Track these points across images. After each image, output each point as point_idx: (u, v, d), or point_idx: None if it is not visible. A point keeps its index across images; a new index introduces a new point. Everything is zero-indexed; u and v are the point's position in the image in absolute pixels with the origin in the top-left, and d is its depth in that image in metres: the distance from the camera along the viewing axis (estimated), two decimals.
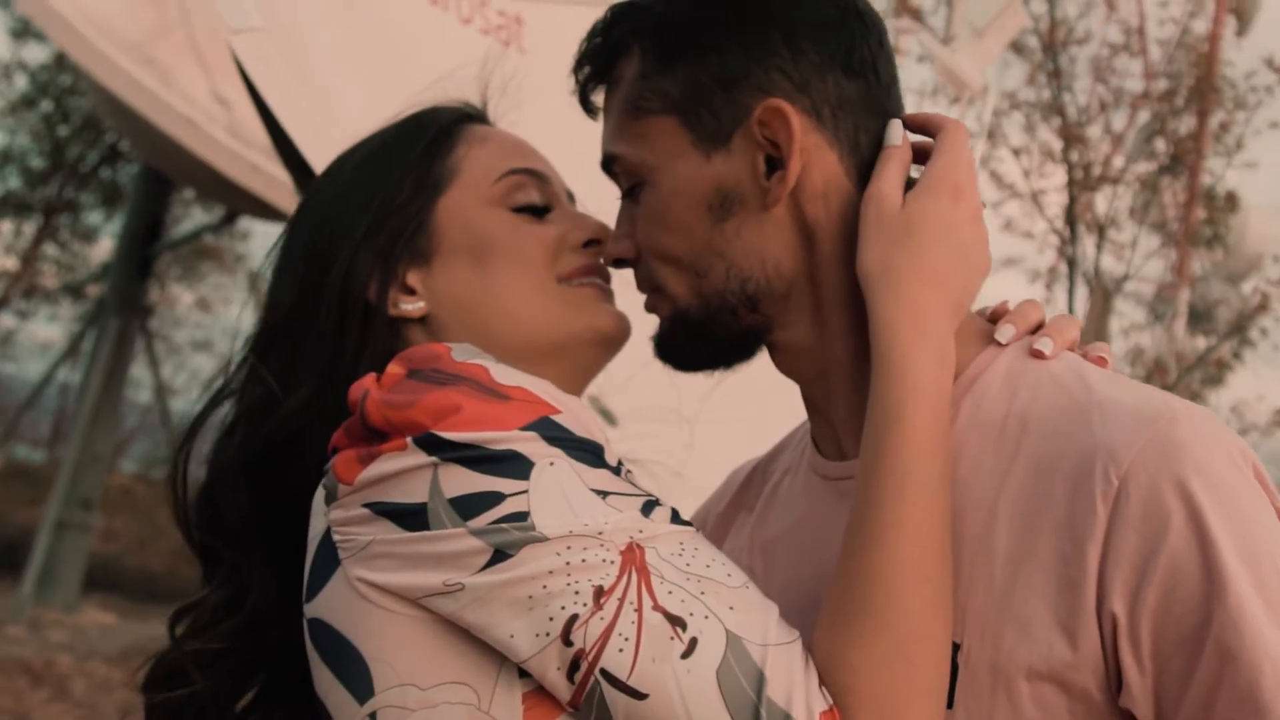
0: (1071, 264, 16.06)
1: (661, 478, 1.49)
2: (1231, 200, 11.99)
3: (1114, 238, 15.79)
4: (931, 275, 1.19)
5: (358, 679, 1.14)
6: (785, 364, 1.32)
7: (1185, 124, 13.40)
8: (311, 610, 1.19)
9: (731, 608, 1.08)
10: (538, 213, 1.39)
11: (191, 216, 17.26)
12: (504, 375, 1.18)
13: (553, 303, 1.36)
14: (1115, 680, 1.09)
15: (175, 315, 20.19)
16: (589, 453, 1.15)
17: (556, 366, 1.34)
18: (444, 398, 1.14)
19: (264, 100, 4.18)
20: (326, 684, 1.17)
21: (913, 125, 1.29)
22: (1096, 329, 15.68)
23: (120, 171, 17.41)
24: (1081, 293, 15.87)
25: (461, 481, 1.11)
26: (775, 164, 1.24)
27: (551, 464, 1.12)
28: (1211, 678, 1.05)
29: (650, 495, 1.16)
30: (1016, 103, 15.24)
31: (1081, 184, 14.74)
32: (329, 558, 1.18)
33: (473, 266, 1.36)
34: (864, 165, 1.26)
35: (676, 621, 1.06)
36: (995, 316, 1.31)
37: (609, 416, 3.03)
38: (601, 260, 1.40)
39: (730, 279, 1.25)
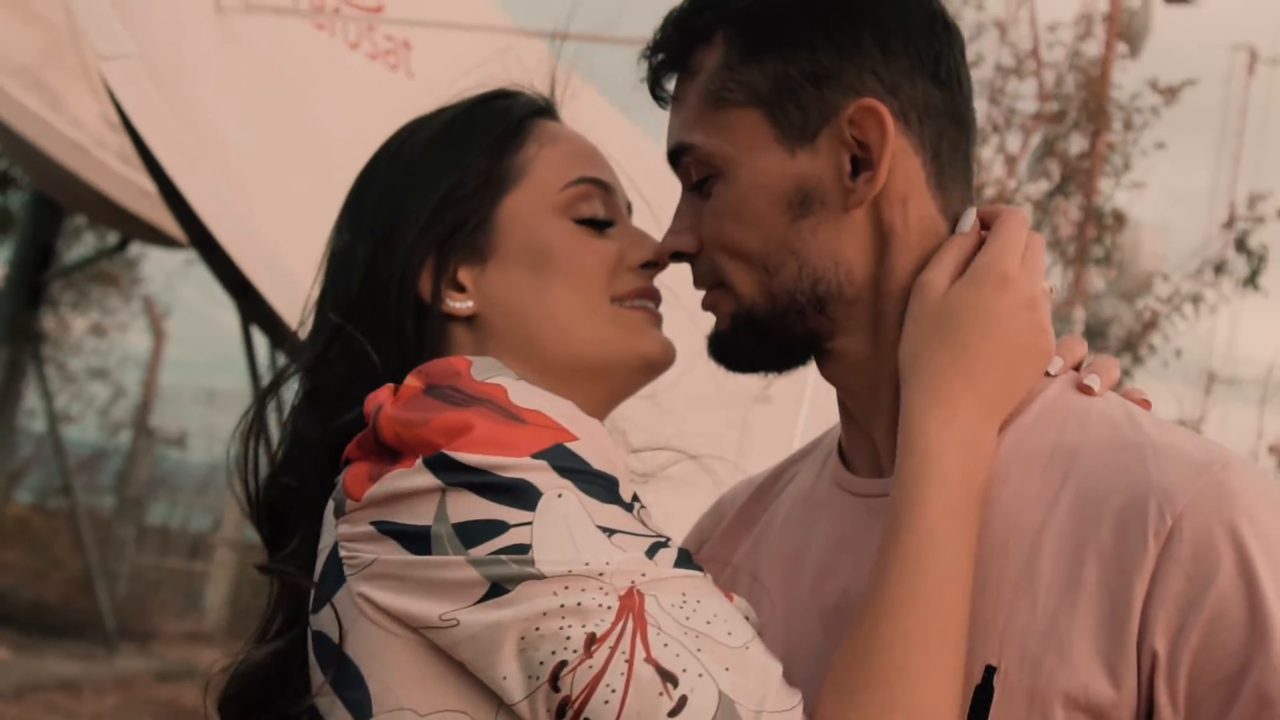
0: None
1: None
2: (1120, 219, 12.22)
3: None
4: (966, 366, 1.18)
5: (357, 698, 1.14)
6: (837, 373, 1.30)
7: (1076, 144, 13.62)
8: (316, 623, 1.19)
9: (728, 668, 1.07)
10: (600, 226, 1.36)
11: (84, 242, 16.95)
12: (523, 397, 1.17)
13: (604, 323, 1.33)
14: (1146, 718, 1.09)
15: (70, 342, 19.80)
16: (601, 486, 1.13)
17: (595, 385, 1.33)
18: (457, 418, 1.13)
19: (136, 129, 4.12)
20: (327, 702, 1.17)
21: (980, 217, 1.28)
22: None
23: (10, 198, 17.07)
24: None
25: (468, 507, 1.10)
26: (860, 165, 1.23)
27: (560, 495, 1.10)
28: None
29: (660, 536, 1.14)
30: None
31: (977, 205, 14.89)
32: (336, 572, 1.17)
33: (529, 273, 1.33)
34: (943, 176, 1.26)
35: (668, 677, 1.05)
36: None
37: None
38: (658, 262, 1.37)
39: (802, 278, 1.24)
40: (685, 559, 1.13)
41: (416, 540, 1.11)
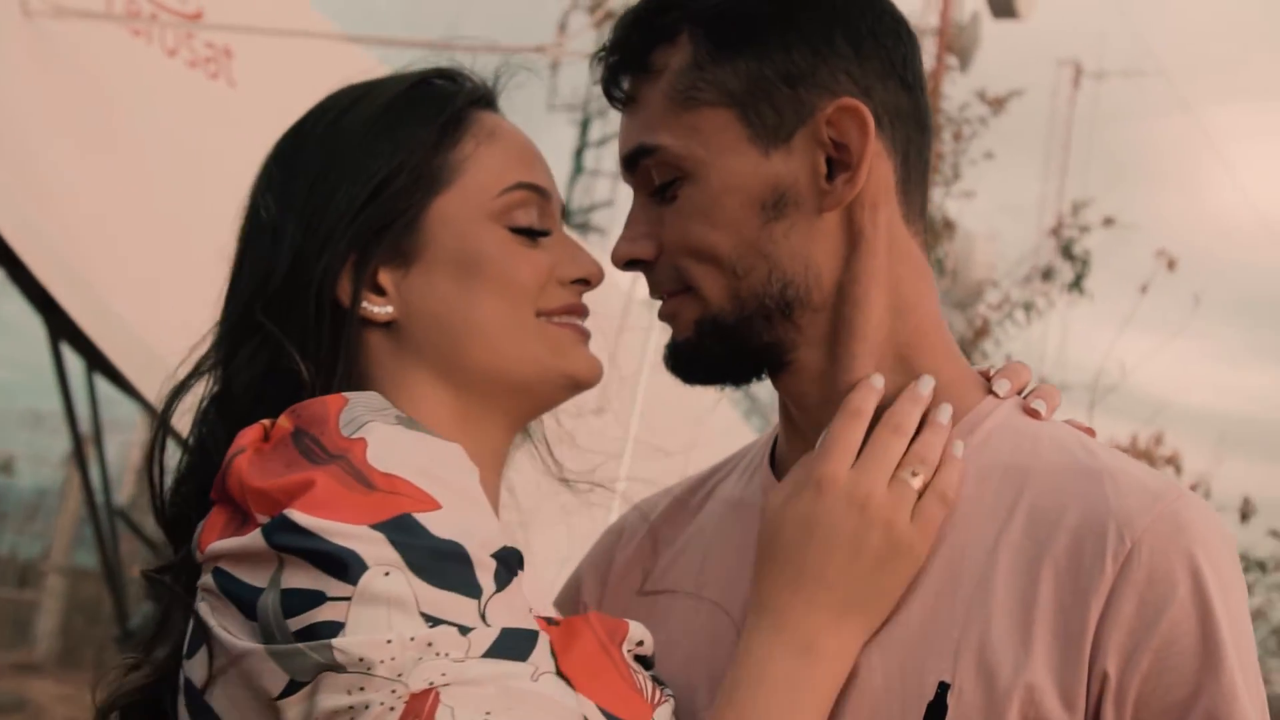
0: None
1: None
2: (950, 227, 12.46)
3: None
4: (794, 576, 1.17)
5: None
6: (791, 385, 1.28)
7: None
8: (187, 669, 1.12)
9: None
10: (534, 236, 1.30)
11: None
12: (385, 456, 1.09)
13: (530, 339, 1.27)
14: None
15: None
16: (445, 561, 1.05)
17: (517, 401, 1.28)
18: (303, 478, 1.05)
19: None
20: None
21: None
22: None
23: None
24: None
25: (297, 574, 1.03)
26: (835, 167, 1.22)
27: (386, 574, 1.03)
28: None
29: (524, 627, 1.07)
30: None
31: None
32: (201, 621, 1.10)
33: (455, 281, 1.25)
34: (909, 182, 1.25)
35: None
36: (985, 374, 1.32)
37: None
38: (590, 280, 1.32)
39: (772, 282, 1.22)
40: (523, 643, 1.06)
41: (246, 606, 1.05)
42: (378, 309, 1.25)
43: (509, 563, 1.10)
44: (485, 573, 1.07)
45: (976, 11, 13.45)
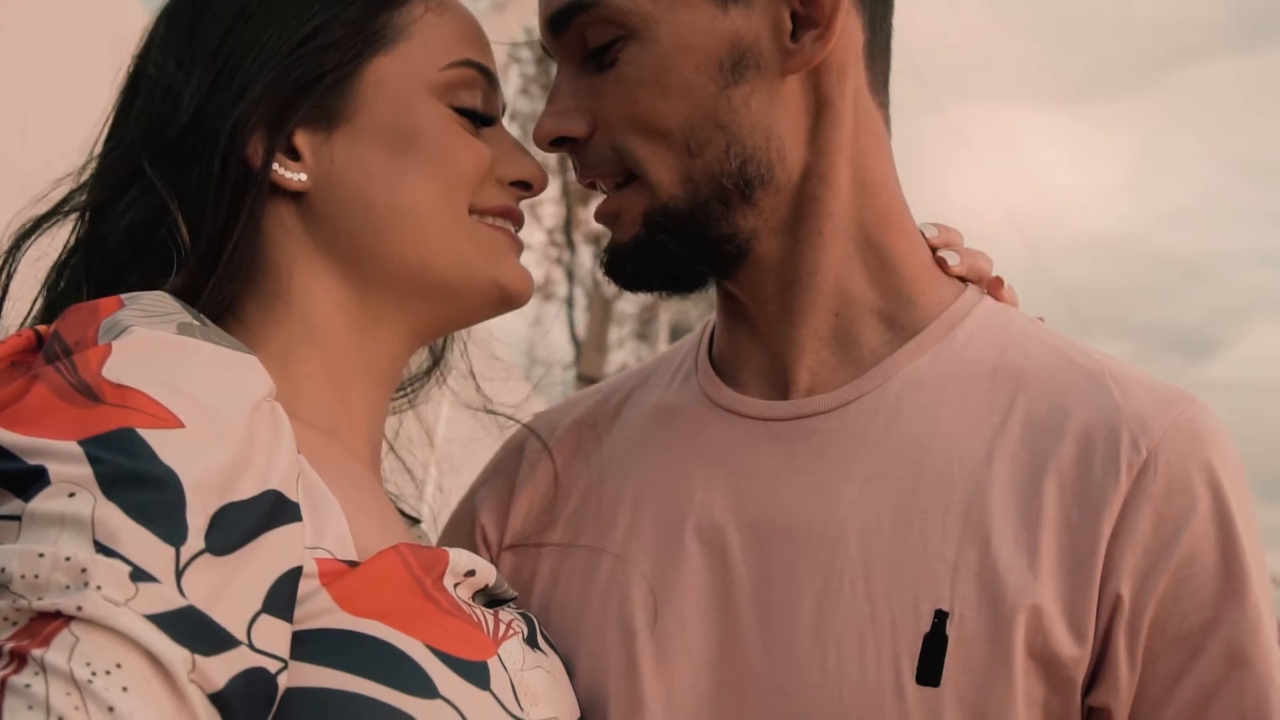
0: (570, 275, 16.39)
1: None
2: None
3: None
4: None
5: None
6: (748, 280, 1.13)
7: None
8: None
9: None
10: (479, 121, 1.14)
11: None
12: (124, 366, 0.87)
13: (460, 235, 1.11)
14: (1092, 672, 0.98)
15: None
16: (146, 489, 0.82)
17: (432, 307, 1.13)
18: (21, 383, 0.87)
19: None
20: None
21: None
22: (596, 340, 16.08)
23: None
24: (582, 304, 16.22)
25: None
26: (800, 24, 1.07)
27: (71, 495, 0.81)
28: (1213, 682, 0.96)
29: (223, 625, 0.82)
30: (513, 113, 15.37)
31: (578, 196, 15.04)
32: None
33: (385, 155, 1.09)
34: (875, 45, 1.13)
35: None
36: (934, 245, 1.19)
37: None
38: (532, 185, 1.17)
39: (730, 158, 1.07)
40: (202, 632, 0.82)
41: None
42: (290, 174, 1.09)
43: (260, 517, 0.87)
44: (199, 519, 0.84)
45: None
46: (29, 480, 0.82)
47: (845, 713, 0.99)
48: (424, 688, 0.90)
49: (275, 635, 0.86)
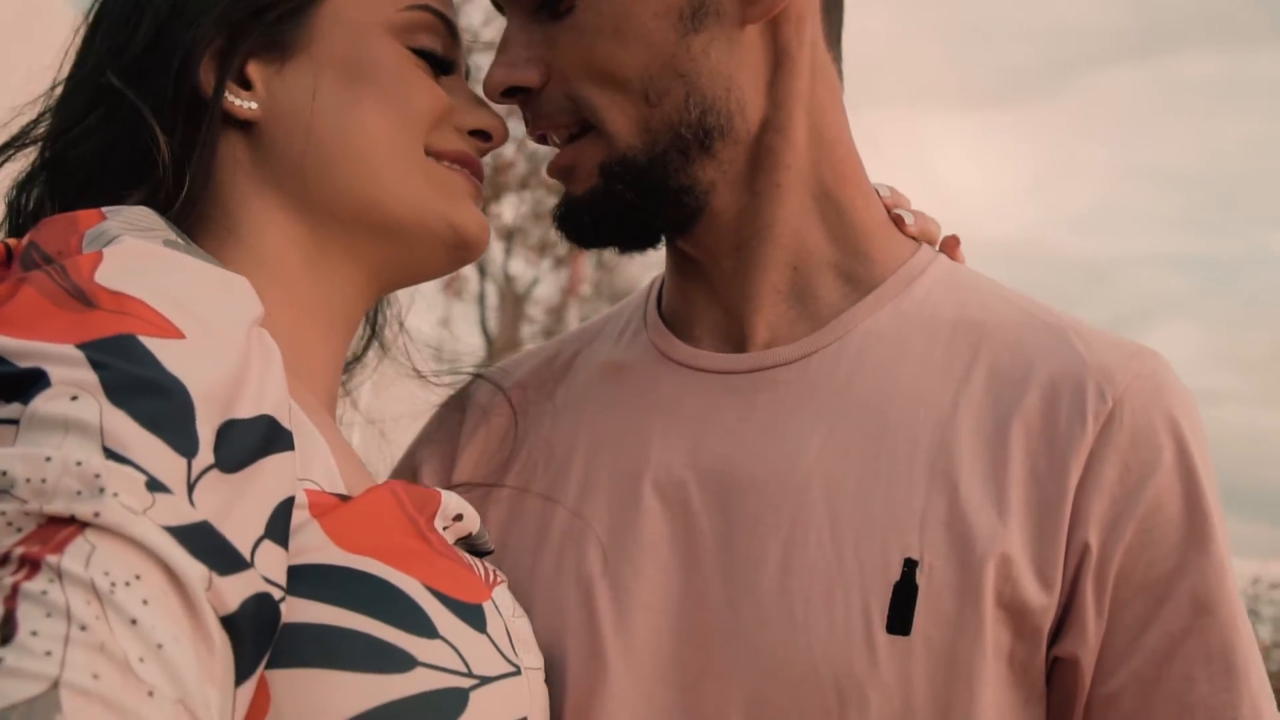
0: (482, 271, 16.33)
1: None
2: None
3: (526, 243, 16.21)
4: None
5: None
6: (704, 236, 1.11)
7: None
8: None
9: (96, 675, 0.68)
10: (437, 66, 1.11)
11: None
12: (118, 273, 0.82)
13: (414, 173, 1.08)
14: (1058, 621, 0.98)
15: None
16: (156, 397, 0.77)
17: (385, 249, 1.09)
18: (8, 285, 0.82)
19: None
20: None
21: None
22: (509, 335, 16.02)
23: None
24: (493, 299, 16.16)
25: None
26: None
27: (74, 398, 0.75)
28: (1178, 630, 0.97)
29: (234, 543, 0.77)
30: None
31: (491, 190, 14.98)
32: None
33: (338, 86, 1.06)
34: (831, 0, 1.12)
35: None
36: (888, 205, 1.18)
37: None
38: (491, 135, 1.14)
39: (689, 107, 1.05)
40: (226, 555, 0.77)
41: None
42: (240, 102, 1.06)
43: (259, 439, 0.83)
44: (208, 431, 0.80)
45: None
46: (25, 383, 0.76)
47: (814, 663, 0.97)
48: (424, 627, 0.87)
49: (276, 562, 0.82)
